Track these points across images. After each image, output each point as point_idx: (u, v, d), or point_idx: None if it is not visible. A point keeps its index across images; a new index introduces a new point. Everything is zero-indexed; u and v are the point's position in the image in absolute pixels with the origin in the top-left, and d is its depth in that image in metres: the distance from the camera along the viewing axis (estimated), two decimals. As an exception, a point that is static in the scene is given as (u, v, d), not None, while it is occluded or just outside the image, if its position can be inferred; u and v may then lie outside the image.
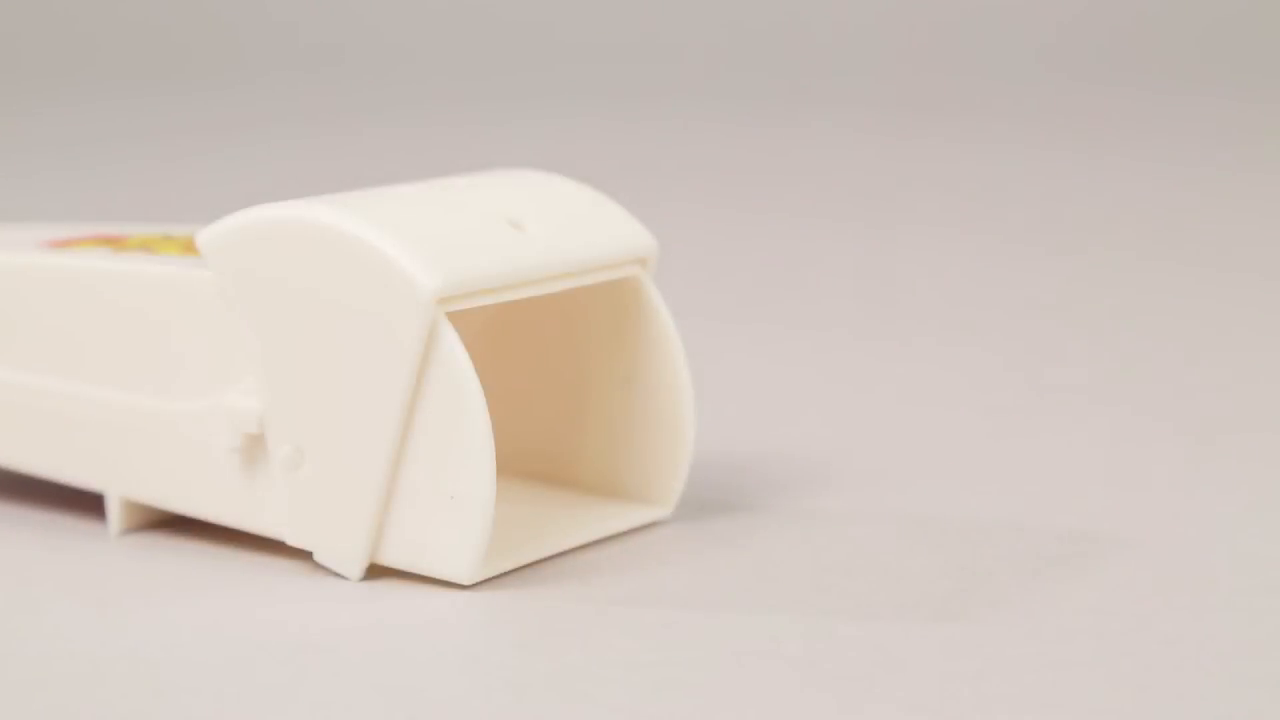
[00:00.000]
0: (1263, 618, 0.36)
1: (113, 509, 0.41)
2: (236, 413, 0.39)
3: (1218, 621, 0.36)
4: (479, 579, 0.38)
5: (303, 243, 0.38)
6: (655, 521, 0.42)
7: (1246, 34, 1.29)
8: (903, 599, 0.37)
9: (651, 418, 0.41)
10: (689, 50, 1.33)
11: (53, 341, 0.42)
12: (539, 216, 0.40)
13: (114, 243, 0.43)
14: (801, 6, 1.36)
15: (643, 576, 0.39)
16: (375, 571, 0.39)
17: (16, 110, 1.22)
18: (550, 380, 0.43)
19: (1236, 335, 0.60)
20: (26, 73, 1.34)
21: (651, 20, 1.37)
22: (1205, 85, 1.20)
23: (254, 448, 0.39)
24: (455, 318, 0.39)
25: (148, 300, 0.40)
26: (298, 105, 1.22)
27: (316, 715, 0.32)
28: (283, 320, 0.38)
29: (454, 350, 0.37)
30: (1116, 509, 0.43)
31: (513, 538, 0.40)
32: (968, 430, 0.50)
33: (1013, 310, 0.64)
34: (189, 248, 0.42)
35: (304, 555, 0.39)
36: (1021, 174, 0.93)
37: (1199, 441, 0.48)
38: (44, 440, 0.42)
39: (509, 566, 0.39)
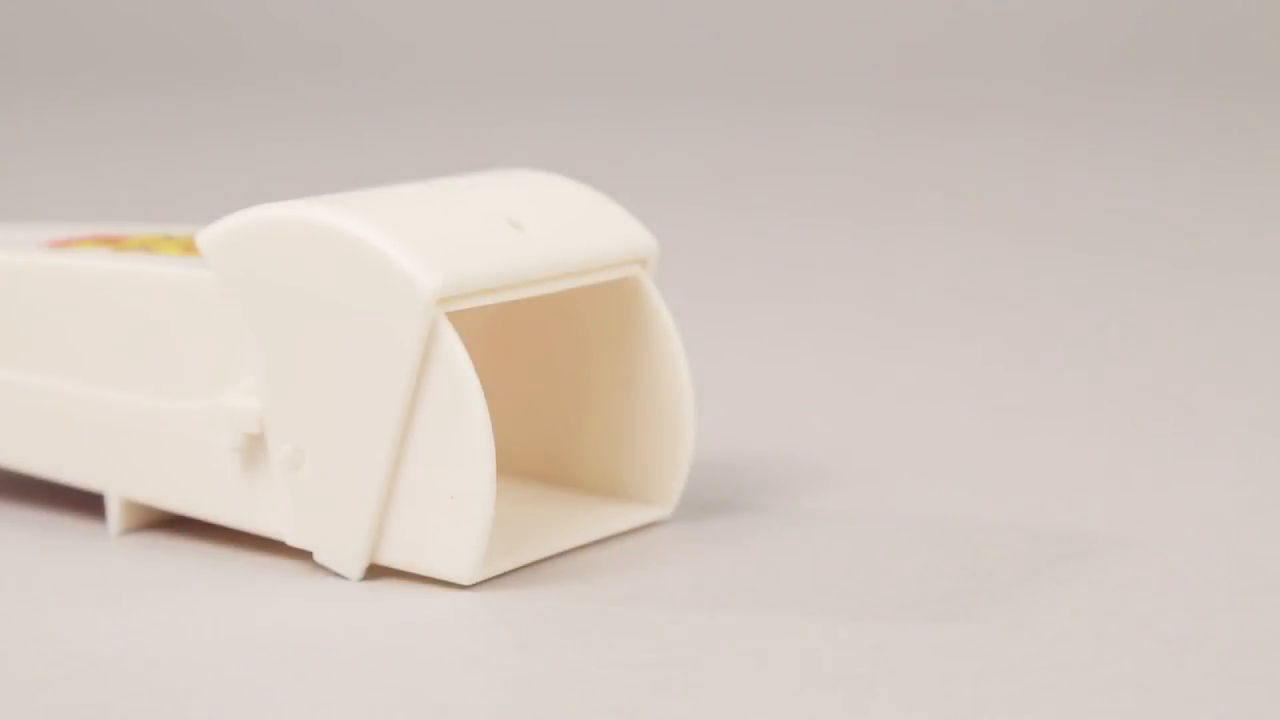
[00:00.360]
0: (1263, 618, 0.36)
1: (113, 509, 0.41)
2: (236, 413, 0.39)
3: (1218, 621, 0.36)
4: (479, 579, 0.38)
5: (303, 243, 0.38)
6: (655, 521, 0.42)
7: (1246, 34, 1.29)
8: (903, 599, 0.37)
9: (651, 418, 0.41)
10: (689, 50, 1.33)
11: (53, 341, 0.42)
12: (539, 216, 0.40)
13: (114, 243, 0.43)
14: (801, 6, 1.36)
15: (643, 576, 0.39)
16: (375, 571, 0.39)
17: (16, 110, 1.22)
18: (550, 380, 0.43)
19: (1236, 335, 0.60)
20: (26, 73, 1.34)
21: (651, 20, 1.37)
22: (1205, 85, 1.20)
23: (254, 448, 0.39)
24: (455, 318, 0.39)
25: (148, 300, 0.40)
26: (298, 105, 1.22)
27: (316, 715, 0.32)
28: (283, 320, 0.38)
29: (454, 350, 0.37)
30: (1116, 509, 0.43)
31: (513, 538, 0.40)
32: (968, 430, 0.50)
33: (1013, 309, 0.64)
34: (189, 248, 0.42)
35: (304, 555, 0.39)
36: (1022, 173, 0.93)
37: (1199, 441, 0.48)
38: (44, 440, 0.42)
39: (509, 566, 0.39)
